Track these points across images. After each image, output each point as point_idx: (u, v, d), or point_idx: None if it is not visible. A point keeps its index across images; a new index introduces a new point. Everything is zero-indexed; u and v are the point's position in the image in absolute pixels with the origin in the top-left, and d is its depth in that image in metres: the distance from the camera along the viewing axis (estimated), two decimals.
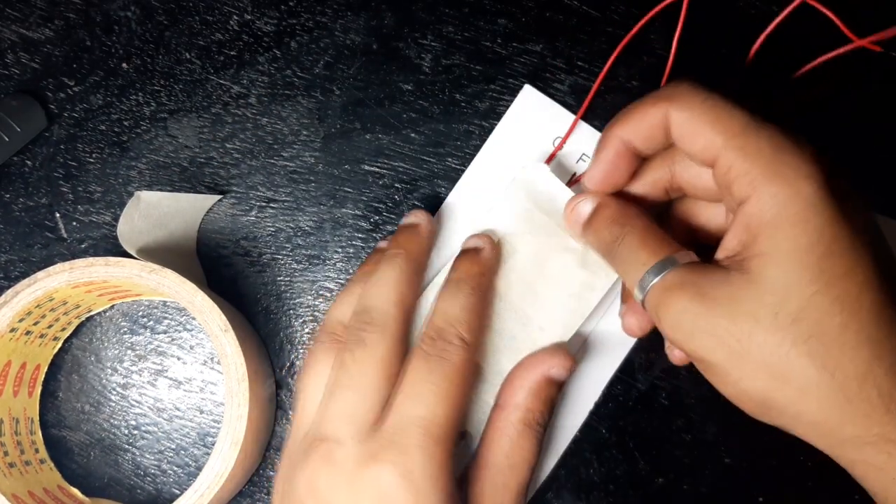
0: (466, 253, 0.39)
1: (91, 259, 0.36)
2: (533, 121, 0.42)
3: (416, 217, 0.40)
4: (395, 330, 0.36)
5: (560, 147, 0.42)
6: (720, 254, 0.32)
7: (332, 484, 0.33)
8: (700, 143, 0.32)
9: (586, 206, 0.36)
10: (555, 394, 0.37)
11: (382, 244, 0.40)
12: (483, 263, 0.38)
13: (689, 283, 0.31)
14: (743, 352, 0.30)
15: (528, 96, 0.42)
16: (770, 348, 0.29)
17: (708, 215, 0.37)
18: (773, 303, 0.29)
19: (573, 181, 0.42)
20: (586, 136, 0.42)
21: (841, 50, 0.40)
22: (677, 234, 0.37)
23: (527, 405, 0.36)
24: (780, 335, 0.29)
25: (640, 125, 0.34)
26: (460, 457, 0.39)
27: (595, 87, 0.42)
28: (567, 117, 0.42)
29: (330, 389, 0.35)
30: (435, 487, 0.32)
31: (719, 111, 0.32)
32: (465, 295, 0.37)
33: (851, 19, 0.39)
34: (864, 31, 0.39)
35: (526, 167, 0.40)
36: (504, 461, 0.35)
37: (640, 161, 0.36)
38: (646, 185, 0.37)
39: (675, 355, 0.37)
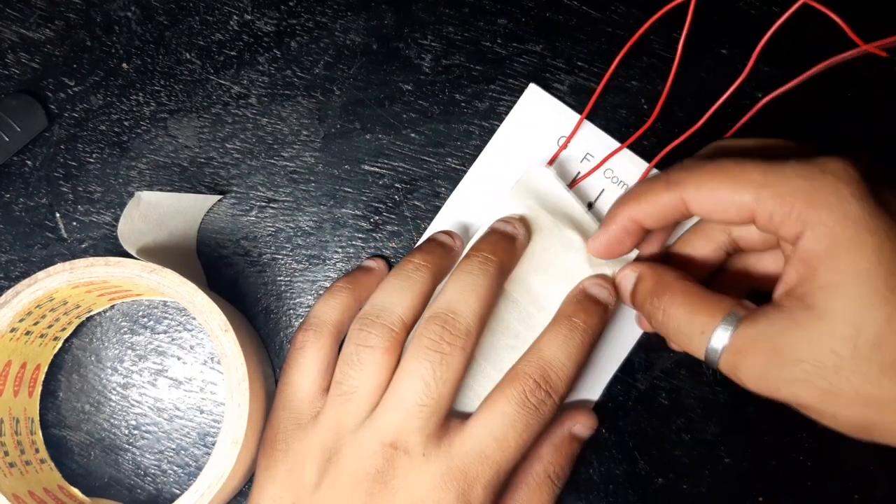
0: (502, 235, 0.38)
1: (91, 259, 0.36)
2: (537, 120, 0.42)
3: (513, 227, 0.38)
4: (472, 345, 0.35)
5: (564, 147, 0.42)
6: (779, 290, 0.31)
7: (397, 488, 0.33)
8: (732, 210, 0.32)
9: (628, 281, 0.36)
10: (577, 451, 0.39)
11: (370, 263, 0.41)
12: (516, 252, 0.38)
13: (759, 337, 0.31)
14: (833, 389, 0.29)
15: (533, 95, 0.42)
16: (859, 379, 0.29)
17: (765, 264, 0.37)
18: (848, 334, 0.29)
19: (576, 181, 0.41)
20: (591, 135, 0.42)
21: (847, 54, 0.40)
22: (739, 289, 0.37)
23: (549, 458, 0.37)
24: (866, 365, 0.29)
25: (652, 208, 0.34)
26: None
27: (600, 87, 0.42)
28: (572, 117, 0.42)
29: (405, 401, 0.34)
30: (496, 492, 0.34)
31: (733, 172, 0.31)
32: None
33: (853, 21, 0.39)
34: (865, 32, 0.39)
35: (530, 169, 0.40)
36: None
37: (647, 233, 0.36)
38: (707, 249, 0.37)
39: (644, 324, 0.38)
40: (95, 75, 0.43)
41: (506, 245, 0.37)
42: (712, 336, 0.32)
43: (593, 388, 0.41)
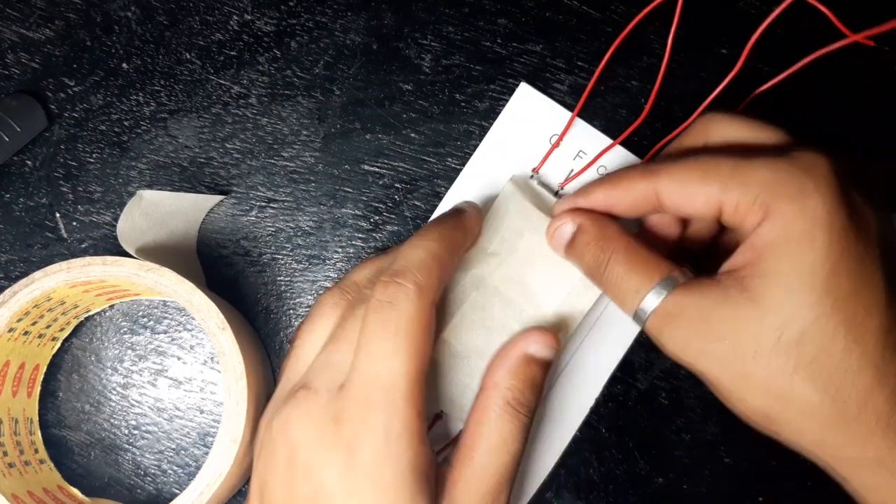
0: (448, 211, 0.37)
1: (88, 258, 0.36)
2: (529, 119, 0.42)
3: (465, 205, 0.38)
4: (428, 290, 0.33)
5: (556, 145, 0.41)
6: (723, 268, 0.32)
7: (304, 432, 0.32)
8: (700, 200, 0.32)
9: (567, 229, 0.36)
10: (537, 374, 0.35)
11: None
12: (462, 221, 0.36)
13: (690, 305, 0.31)
14: (747, 373, 0.30)
15: (524, 94, 0.42)
16: (773, 371, 0.29)
17: (698, 226, 0.36)
18: (776, 326, 0.29)
19: (569, 179, 0.41)
20: (583, 133, 0.41)
21: (836, 45, 0.40)
22: (665, 242, 0.36)
23: (505, 384, 0.34)
24: (783, 359, 0.29)
25: (626, 195, 0.34)
26: (439, 436, 0.38)
27: (591, 84, 0.41)
28: (563, 114, 0.41)
29: (326, 343, 0.34)
30: (399, 447, 0.31)
31: (706, 165, 0.31)
32: (431, 240, 0.34)
33: (844, 14, 0.39)
34: (856, 24, 0.39)
35: (515, 178, 0.40)
36: (483, 443, 0.33)
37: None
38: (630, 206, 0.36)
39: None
40: (95, 75, 0.43)
41: (451, 215, 0.37)
42: (645, 297, 0.32)
43: (593, 386, 0.40)
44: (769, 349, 0.29)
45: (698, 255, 0.37)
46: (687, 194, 0.32)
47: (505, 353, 0.35)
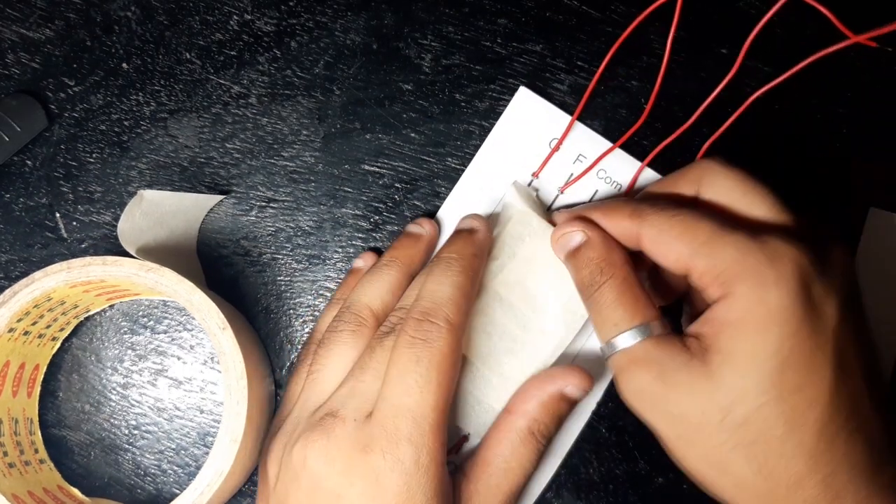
0: (460, 233, 0.38)
1: (89, 259, 0.35)
2: (529, 123, 0.41)
3: (472, 223, 0.39)
4: (457, 332, 0.35)
5: (556, 149, 0.41)
6: (691, 329, 0.33)
7: (331, 459, 0.33)
8: (672, 256, 0.33)
9: (575, 238, 0.36)
10: (566, 411, 0.37)
11: (359, 263, 0.41)
12: (477, 244, 0.37)
13: (655, 361, 0.32)
14: (690, 439, 0.32)
15: (524, 98, 0.42)
16: (714, 444, 0.31)
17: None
18: (724, 404, 0.31)
19: (569, 183, 0.41)
20: (583, 136, 0.41)
21: (837, 46, 0.39)
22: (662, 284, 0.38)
23: (534, 415, 0.36)
24: (725, 436, 0.31)
25: (613, 228, 0.35)
26: (463, 455, 0.38)
27: (590, 87, 0.41)
28: (563, 118, 0.41)
29: (352, 371, 0.35)
30: (426, 476, 0.32)
31: (686, 224, 0.33)
32: (455, 274, 0.36)
33: (844, 15, 0.39)
34: (855, 25, 0.39)
35: (516, 183, 0.40)
36: (502, 464, 0.35)
37: None
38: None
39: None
40: (95, 75, 0.43)
41: (465, 239, 0.38)
42: (620, 334, 0.33)
43: (596, 389, 0.40)
44: (714, 424, 0.31)
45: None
46: (663, 247, 0.33)
47: (541, 384, 0.37)
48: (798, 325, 0.30)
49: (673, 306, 0.39)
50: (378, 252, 0.42)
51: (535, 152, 0.41)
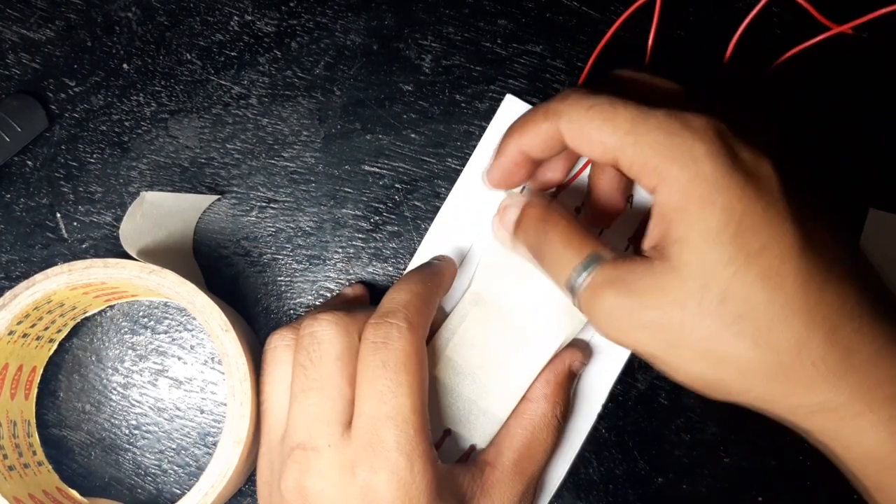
0: (423, 264, 0.38)
1: (90, 261, 0.34)
2: None
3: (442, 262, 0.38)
4: (344, 325, 0.33)
5: None
6: (645, 244, 0.31)
7: (320, 490, 0.32)
8: (597, 148, 0.31)
9: (512, 213, 0.35)
10: (572, 387, 0.38)
11: (348, 291, 0.40)
12: (435, 269, 0.37)
13: (617, 279, 0.30)
14: (677, 340, 0.29)
15: (511, 106, 0.40)
16: (702, 333, 0.29)
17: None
18: (696, 288, 0.29)
19: (563, 186, 0.40)
20: None
21: (820, 37, 0.39)
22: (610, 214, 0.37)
23: (553, 398, 0.36)
24: (709, 319, 0.28)
25: (534, 138, 0.33)
26: (448, 453, 0.37)
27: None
28: None
29: (293, 393, 0.33)
30: (424, 480, 0.31)
31: (605, 112, 0.30)
32: (413, 283, 0.35)
33: (823, 6, 0.39)
34: (836, 16, 0.38)
35: (510, 193, 0.39)
36: (525, 449, 0.35)
37: (538, 164, 0.35)
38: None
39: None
40: (96, 76, 0.42)
41: (424, 266, 0.38)
42: (575, 268, 0.32)
43: (600, 391, 0.39)
44: (694, 313, 0.29)
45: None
46: (586, 139, 0.31)
47: (553, 368, 0.37)
48: (741, 189, 0.28)
49: None
50: (367, 284, 0.41)
51: None
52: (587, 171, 0.40)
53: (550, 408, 0.36)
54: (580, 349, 0.38)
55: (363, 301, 0.40)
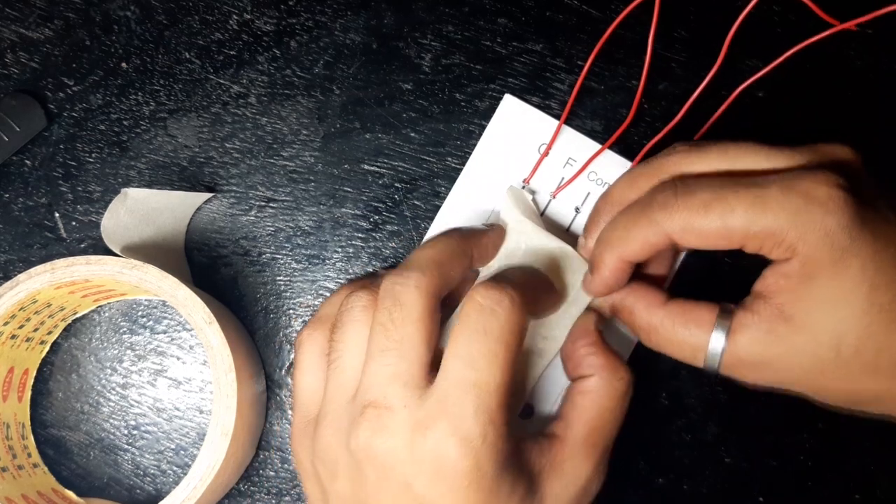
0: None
1: (72, 258, 0.32)
2: (516, 130, 0.38)
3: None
4: (431, 285, 0.30)
5: (546, 154, 0.38)
6: (756, 291, 0.31)
7: (391, 449, 0.28)
8: (721, 243, 0.30)
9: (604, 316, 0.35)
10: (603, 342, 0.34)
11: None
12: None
13: (746, 355, 0.31)
14: (821, 387, 0.30)
15: (510, 105, 0.38)
16: (842, 380, 0.30)
17: None
18: (832, 343, 0.29)
19: (560, 187, 0.38)
20: (572, 140, 0.38)
21: (824, 34, 0.37)
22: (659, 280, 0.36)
23: (609, 366, 0.33)
24: (847, 368, 0.29)
25: (639, 248, 0.32)
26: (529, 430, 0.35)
27: (575, 91, 0.38)
28: (551, 123, 0.38)
29: (370, 352, 0.30)
30: (496, 452, 0.28)
31: (720, 208, 0.29)
32: (524, 272, 0.33)
33: (825, 4, 0.37)
34: (836, 12, 0.36)
35: (512, 188, 0.36)
36: (594, 421, 0.32)
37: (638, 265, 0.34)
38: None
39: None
40: (95, 75, 0.39)
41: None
42: (709, 347, 0.31)
43: None
44: (833, 363, 0.29)
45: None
46: (705, 238, 0.30)
47: (584, 337, 0.34)
48: (873, 250, 0.28)
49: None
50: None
51: (524, 159, 0.38)
52: (587, 171, 0.38)
53: (612, 374, 0.33)
54: (594, 312, 0.35)
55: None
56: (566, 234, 0.38)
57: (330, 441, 0.30)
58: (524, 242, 0.35)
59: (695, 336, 0.31)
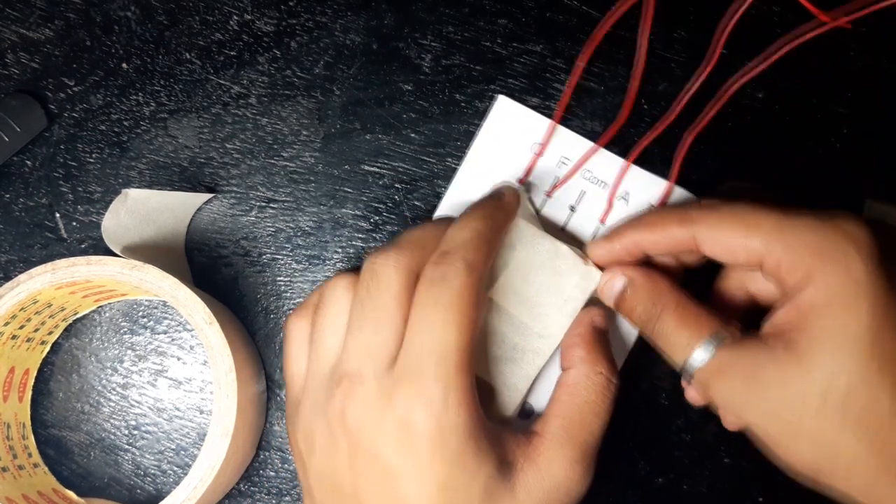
0: (487, 195, 0.34)
1: (73, 259, 0.32)
2: (510, 130, 0.37)
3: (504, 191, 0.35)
4: (409, 263, 0.30)
5: (540, 154, 0.37)
6: (767, 325, 0.30)
7: (362, 419, 0.29)
8: (742, 255, 0.30)
9: (617, 284, 0.33)
10: (605, 342, 0.34)
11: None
12: (503, 204, 0.34)
13: (738, 366, 0.30)
14: (793, 429, 0.29)
15: (503, 106, 0.38)
16: (820, 425, 0.28)
17: (758, 286, 0.34)
18: (823, 384, 0.28)
19: (555, 187, 0.37)
20: (565, 139, 0.37)
21: (819, 30, 0.37)
22: (725, 300, 0.35)
23: (592, 357, 0.33)
24: (830, 414, 0.28)
25: (662, 240, 0.32)
26: (503, 407, 0.34)
27: (569, 90, 0.37)
28: (545, 123, 0.37)
29: (349, 327, 0.30)
30: (458, 417, 0.28)
31: (748, 220, 0.30)
32: (477, 220, 0.32)
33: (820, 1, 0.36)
34: (828, 7, 0.36)
35: (508, 185, 0.36)
36: (572, 415, 0.32)
37: (646, 257, 0.34)
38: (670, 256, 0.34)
39: (691, 396, 0.34)
40: (95, 75, 0.39)
41: (489, 199, 0.34)
42: (694, 352, 0.31)
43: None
44: (816, 405, 0.28)
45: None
46: (728, 246, 0.30)
47: (576, 330, 0.34)
48: (886, 296, 0.28)
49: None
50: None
51: (518, 159, 0.37)
52: (581, 170, 0.38)
53: (591, 367, 0.33)
54: (594, 307, 0.35)
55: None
56: (561, 232, 0.37)
57: (309, 415, 0.31)
58: (518, 242, 0.34)
59: (684, 337, 0.31)
